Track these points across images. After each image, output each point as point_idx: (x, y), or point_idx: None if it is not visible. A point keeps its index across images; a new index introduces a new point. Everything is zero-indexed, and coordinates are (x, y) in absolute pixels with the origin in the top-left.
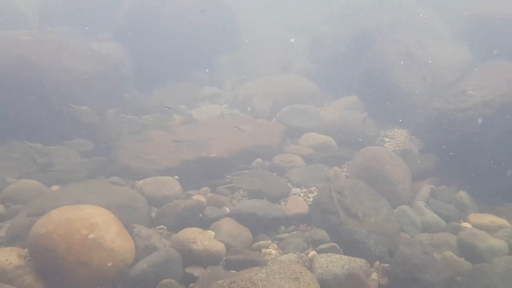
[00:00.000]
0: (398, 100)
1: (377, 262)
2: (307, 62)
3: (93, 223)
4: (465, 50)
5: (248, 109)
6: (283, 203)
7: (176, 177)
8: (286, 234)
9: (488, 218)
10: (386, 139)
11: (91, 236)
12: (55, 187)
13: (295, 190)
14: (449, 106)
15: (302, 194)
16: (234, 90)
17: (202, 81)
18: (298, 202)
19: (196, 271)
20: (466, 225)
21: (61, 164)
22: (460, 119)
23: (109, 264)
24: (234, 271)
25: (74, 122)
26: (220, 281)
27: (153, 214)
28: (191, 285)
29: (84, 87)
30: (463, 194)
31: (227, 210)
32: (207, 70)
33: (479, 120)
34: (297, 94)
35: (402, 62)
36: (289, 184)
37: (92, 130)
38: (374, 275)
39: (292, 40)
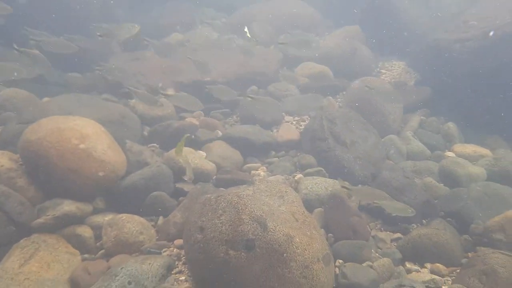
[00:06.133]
0: (399, 31)
1: (359, 186)
2: None
3: (83, 133)
4: None
5: (247, 35)
6: (275, 130)
7: None
8: (276, 159)
9: (471, 148)
10: (383, 71)
11: (82, 146)
12: (46, 99)
13: (287, 118)
14: (449, 36)
15: (294, 122)
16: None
17: (201, 1)
18: (289, 129)
19: (186, 187)
20: (450, 154)
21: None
22: (458, 50)
23: (100, 174)
24: (223, 189)
25: None
26: (208, 195)
27: (145, 133)
28: (180, 198)
29: None
30: (451, 125)
31: (220, 133)
32: None
33: (478, 51)
34: (298, 21)
35: None
36: (282, 112)
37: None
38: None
39: None
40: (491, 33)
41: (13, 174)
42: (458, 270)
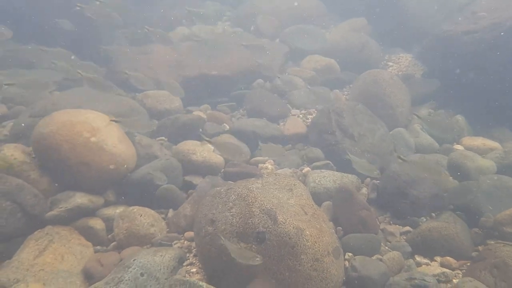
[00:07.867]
0: (406, 23)
1: (368, 179)
2: None
3: (94, 127)
4: None
5: (252, 28)
6: (281, 123)
7: None
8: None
9: (480, 141)
10: (390, 63)
11: (93, 139)
12: (56, 93)
13: (294, 111)
14: (457, 28)
15: (301, 116)
16: (238, 6)
17: None
18: (296, 123)
19: (195, 180)
20: (459, 147)
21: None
22: (467, 41)
23: (111, 166)
24: (231, 182)
25: None
26: (218, 188)
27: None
28: (190, 191)
29: None
30: (459, 118)
31: (227, 127)
32: None
33: (487, 43)
34: (304, 14)
35: None
36: (289, 105)
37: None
38: (364, 190)
39: None
40: None
41: (26, 167)
42: (468, 264)
